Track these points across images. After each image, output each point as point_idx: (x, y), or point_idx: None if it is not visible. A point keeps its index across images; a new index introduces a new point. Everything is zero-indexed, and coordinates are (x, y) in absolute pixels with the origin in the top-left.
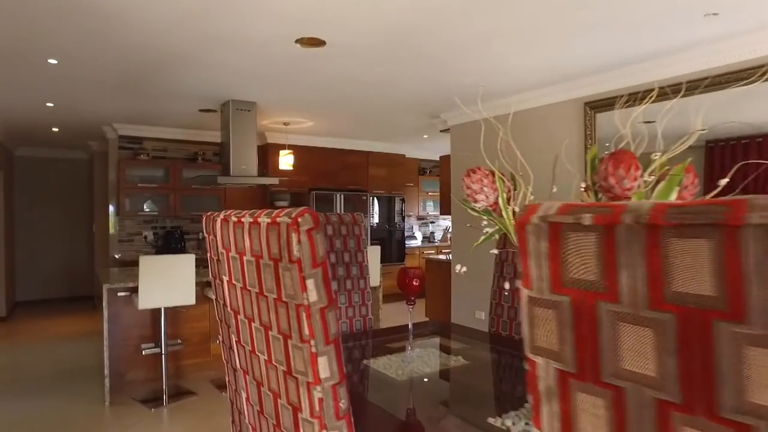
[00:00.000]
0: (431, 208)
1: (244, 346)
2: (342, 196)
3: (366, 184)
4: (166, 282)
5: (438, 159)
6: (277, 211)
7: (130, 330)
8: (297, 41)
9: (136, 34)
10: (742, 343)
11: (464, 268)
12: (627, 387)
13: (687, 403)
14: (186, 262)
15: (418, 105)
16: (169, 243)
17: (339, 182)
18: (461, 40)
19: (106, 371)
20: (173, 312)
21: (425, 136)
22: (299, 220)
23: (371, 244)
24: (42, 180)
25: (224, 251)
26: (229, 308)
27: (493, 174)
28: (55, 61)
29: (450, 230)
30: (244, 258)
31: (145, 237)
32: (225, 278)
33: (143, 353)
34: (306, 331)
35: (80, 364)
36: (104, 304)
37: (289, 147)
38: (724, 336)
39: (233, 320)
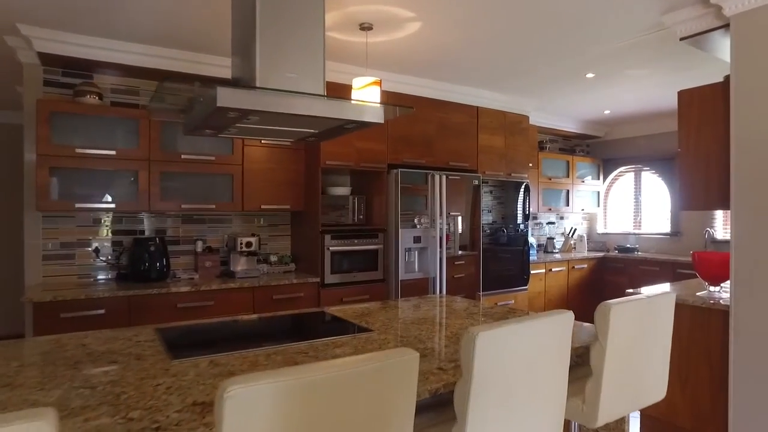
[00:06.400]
0: (558, 202)
1: None
2: (444, 178)
3: (474, 160)
4: None
5: (560, 129)
6: None
7: None
8: None
9: None
10: None
11: None
12: None
13: None
14: None
15: None
16: (140, 262)
17: (436, 155)
18: None
19: None
20: None
21: (589, 75)
22: None
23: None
24: None
25: None
26: None
27: None
28: None
29: (581, 236)
30: None
31: (96, 250)
32: None
33: None
34: None
35: None
36: None
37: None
38: None
39: None
